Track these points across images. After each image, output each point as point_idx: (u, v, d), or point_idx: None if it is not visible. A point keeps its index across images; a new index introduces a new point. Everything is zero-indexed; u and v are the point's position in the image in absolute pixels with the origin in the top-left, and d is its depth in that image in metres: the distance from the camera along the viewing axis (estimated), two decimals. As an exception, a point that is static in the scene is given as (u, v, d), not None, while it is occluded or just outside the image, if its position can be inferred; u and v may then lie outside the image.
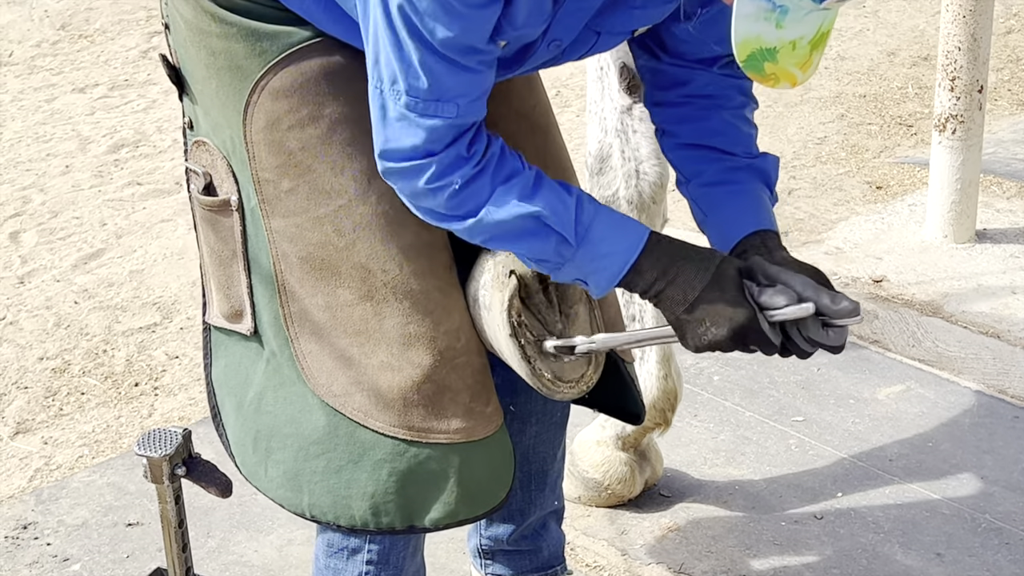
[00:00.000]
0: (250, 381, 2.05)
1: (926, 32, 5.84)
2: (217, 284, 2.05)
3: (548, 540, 2.44)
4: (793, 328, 1.79)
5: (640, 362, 2.77)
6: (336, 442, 1.98)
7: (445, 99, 1.73)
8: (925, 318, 3.60)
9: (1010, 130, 4.83)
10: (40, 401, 3.44)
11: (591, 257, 1.81)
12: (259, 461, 2.06)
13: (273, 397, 2.01)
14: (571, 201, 1.81)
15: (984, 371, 3.35)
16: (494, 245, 1.84)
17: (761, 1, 1.60)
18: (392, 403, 1.95)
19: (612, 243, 1.81)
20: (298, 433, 1.99)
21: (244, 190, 1.96)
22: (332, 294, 1.93)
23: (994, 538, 2.76)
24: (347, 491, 1.99)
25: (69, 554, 2.81)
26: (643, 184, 2.62)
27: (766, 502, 2.90)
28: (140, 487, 3.01)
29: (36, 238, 4.32)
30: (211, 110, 1.97)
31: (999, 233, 4.04)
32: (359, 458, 1.97)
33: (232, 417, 2.11)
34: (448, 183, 1.77)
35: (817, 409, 3.21)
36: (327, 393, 1.96)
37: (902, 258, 3.94)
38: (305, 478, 2.00)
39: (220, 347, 2.12)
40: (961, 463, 3.00)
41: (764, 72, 1.67)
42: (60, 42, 6.31)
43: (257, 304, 2.00)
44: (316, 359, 1.96)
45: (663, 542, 2.79)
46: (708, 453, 3.07)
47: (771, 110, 5.16)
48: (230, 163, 1.96)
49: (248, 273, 1.99)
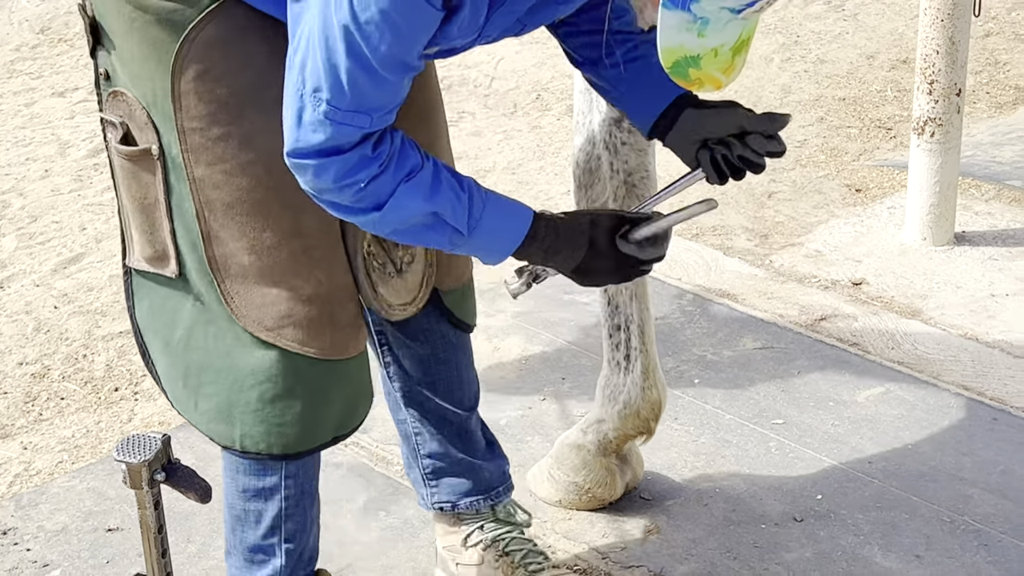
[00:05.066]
0: (177, 320, 2.17)
1: (905, 35, 5.85)
2: (139, 229, 2.15)
3: (489, 463, 2.59)
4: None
5: (625, 373, 2.77)
6: (271, 373, 2.13)
7: (363, 111, 1.86)
8: (904, 320, 3.61)
9: (988, 133, 4.85)
10: (19, 406, 3.43)
11: (482, 243, 2.05)
12: (189, 395, 2.19)
13: (203, 333, 2.15)
14: (464, 196, 2.00)
15: (963, 373, 3.36)
16: (396, 238, 2.01)
17: (683, 13, 1.74)
18: (324, 326, 2.13)
19: (500, 230, 2.05)
20: (230, 367, 2.13)
21: (165, 139, 2.05)
22: (258, 237, 2.07)
23: (973, 540, 2.77)
24: (281, 419, 2.15)
25: (49, 560, 2.81)
26: (632, 197, 2.62)
27: (746, 505, 2.91)
28: (120, 492, 3.00)
29: (15, 242, 4.30)
30: (130, 62, 2.05)
31: (977, 236, 4.05)
32: (293, 385, 2.14)
33: (161, 355, 2.23)
34: (354, 181, 1.90)
35: (797, 411, 3.22)
36: (259, 328, 2.11)
37: (881, 261, 3.95)
38: (238, 410, 2.14)
39: (142, 289, 2.23)
40: (940, 465, 3.01)
41: (689, 77, 1.82)
42: (39, 46, 6.28)
43: (181, 248, 2.11)
44: (244, 298, 2.10)
45: (643, 545, 2.80)
46: (688, 456, 3.07)
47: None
48: (150, 114, 2.05)
49: (171, 219, 2.09)
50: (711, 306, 3.69)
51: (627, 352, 2.76)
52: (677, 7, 1.74)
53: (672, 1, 1.73)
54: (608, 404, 2.80)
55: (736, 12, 1.76)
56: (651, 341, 2.77)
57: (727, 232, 4.20)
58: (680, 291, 3.76)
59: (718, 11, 1.75)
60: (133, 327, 2.27)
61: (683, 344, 3.51)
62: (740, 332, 3.56)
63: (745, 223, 4.27)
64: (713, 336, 3.55)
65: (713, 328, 3.59)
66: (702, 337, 3.55)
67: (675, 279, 3.81)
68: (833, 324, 3.60)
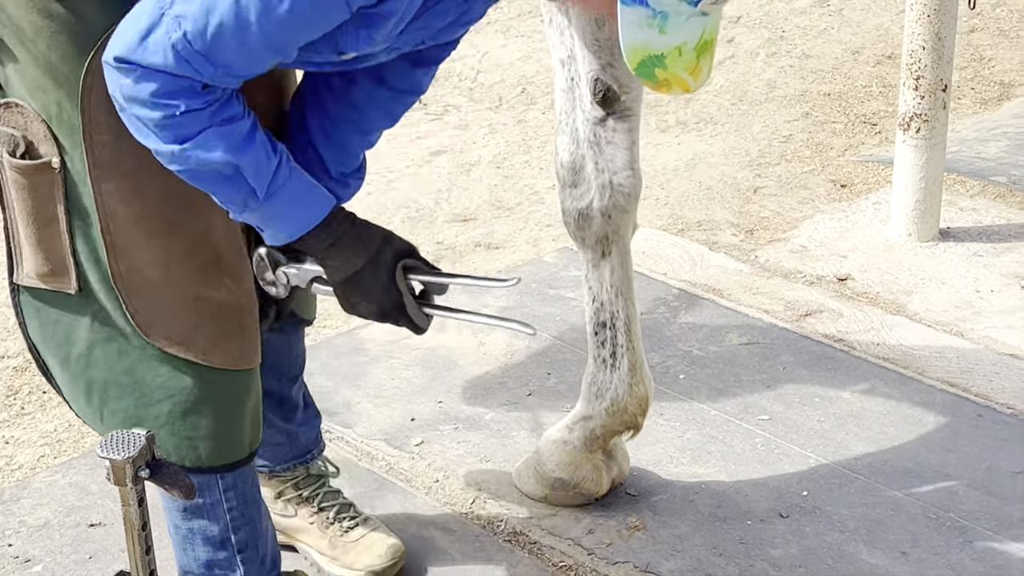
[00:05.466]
0: (74, 338, 2.12)
1: (890, 31, 5.86)
2: (32, 245, 2.09)
3: (305, 426, 2.62)
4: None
5: (611, 370, 2.76)
6: (181, 385, 2.10)
7: (211, 63, 1.82)
8: (889, 316, 3.61)
9: (973, 128, 4.86)
10: (1, 400, 3.40)
11: (272, 215, 2.00)
12: (95, 411, 2.16)
13: (103, 351, 2.10)
14: (273, 161, 1.95)
15: (947, 369, 3.36)
16: (186, 177, 1.93)
17: (641, 8, 1.76)
18: (233, 336, 2.12)
19: (295, 209, 2.00)
20: (136, 382, 2.10)
21: (67, 153, 1.99)
22: (167, 248, 2.04)
23: (958, 536, 2.77)
24: (193, 432, 2.12)
25: (31, 555, 2.79)
26: (617, 195, 2.61)
27: (732, 501, 2.90)
28: (103, 487, 2.98)
29: (-3, 235, 4.27)
30: (31, 72, 1.97)
31: (962, 231, 4.06)
32: (204, 398, 2.11)
33: (59, 371, 2.19)
34: (171, 105, 1.84)
35: (783, 407, 3.21)
36: (167, 342, 2.07)
37: (867, 256, 3.95)
38: (147, 423, 2.10)
39: (31, 306, 2.17)
40: (925, 461, 3.01)
41: (656, 79, 1.84)
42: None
43: (82, 263, 2.06)
44: (151, 312, 2.06)
45: (629, 541, 2.79)
46: (674, 452, 3.07)
47: (736, 108, 5.17)
48: (50, 126, 1.98)
49: (71, 234, 2.04)
50: (697, 302, 3.68)
51: (613, 349, 2.75)
52: (635, 2, 1.75)
53: None
54: (595, 401, 2.80)
55: (692, 3, 1.77)
56: (637, 338, 2.76)
57: (712, 227, 4.19)
58: (666, 286, 3.75)
59: (676, 4, 1.76)
60: (27, 343, 2.21)
61: (668, 340, 3.50)
62: (726, 328, 3.56)
63: (730, 218, 4.26)
64: (699, 332, 3.54)
65: (699, 324, 3.58)
66: (688, 333, 3.54)
67: (660, 274, 3.80)
68: (819, 320, 3.60)
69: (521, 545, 2.79)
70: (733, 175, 4.60)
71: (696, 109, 5.17)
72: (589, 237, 2.65)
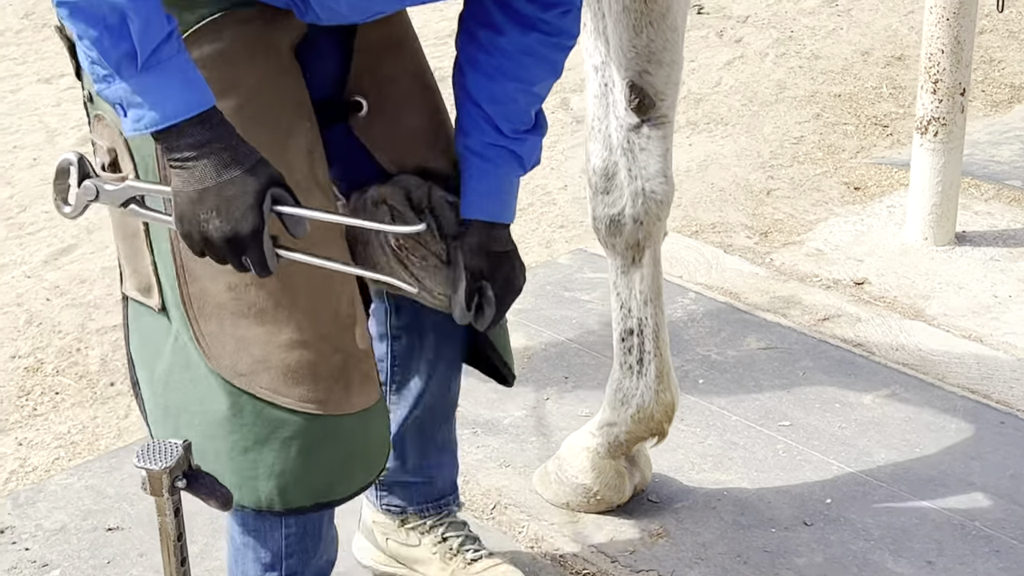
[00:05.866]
0: (160, 355, 2.05)
1: (899, 32, 5.84)
2: (126, 257, 2.05)
3: (442, 472, 2.50)
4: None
5: (638, 376, 2.74)
6: (242, 422, 1.99)
7: None
8: (908, 321, 3.59)
9: (985, 131, 4.84)
10: (13, 401, 3.37)
11: (144, 91, 1.73)
12: (170, 436, 2.06)
13: (179, 377, 2.02)
14: (166, 28, 1.73)
15: (968, 375, 3.34)
16: (65, 12, 1.71)
17: None
18: (302, 378, 1.97)
19: (171, 91, 1.74)
20: (204, 412, 2.00)
21: (142, 167, 1.93)
22: (236, 274, 1.91)
23: (984, 546, 2.75)
24: (253, 471, 2.01)
25: (48, 560, 2.76)
26: (650, 203, 2.58)
27: (755, 508, 2.88)
28: (119, 491, 2.96)
29: (4, 232, 4.24)
30: None
31: (978, 236, 4.04)
32: (267, 438, 1.99)
33: (146, 388, 2.12)
34: None
35: (803, 413, 3.19)
36: (232, 374, 1.96)
37: (883, 260, 3.93)
38: (210, 458, 2.01)
39: (135, 318, 2.11)
40: (949, 469, 2.99)
41: None
42: (24, 31, 6.21)
43: (162, 281, 1.99)
44: (218, 340, 1.96)
45: (653, 549, 2.77)
46: (695, 458, 3.04)
47: (747, 109, 5.15)
48: (127, 141, 1.92)
49: (151, 250, 1.98)
50: (713, 305, 3.66)
51: (640, 356, 2.73)
52: None
53: None
54: (620, 407, 2.77)
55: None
56: (665, 345, 2.73)
57: (726, 229, 4.17)
58: (682, 289, 3.73)
59: None
60: (127, 356, 2.15)
61: (687, 343, 3.48)
62: (744, 332, 3.53)
63: (744, 220, 4.24)
64: (717, 335, 3.52)
65: (716, 327, 3.56)
66: (706, 336, 3.52)
67: (676, 277, 3.78)
68: (837, 324, 3.58)
69: (543, 551, 2.77)
70: (745, 177, 4.57)
71: (707, 109, 5.15)
72: (620, 244, 2.63)
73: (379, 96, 2.09)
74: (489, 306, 2.12)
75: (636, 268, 2.65)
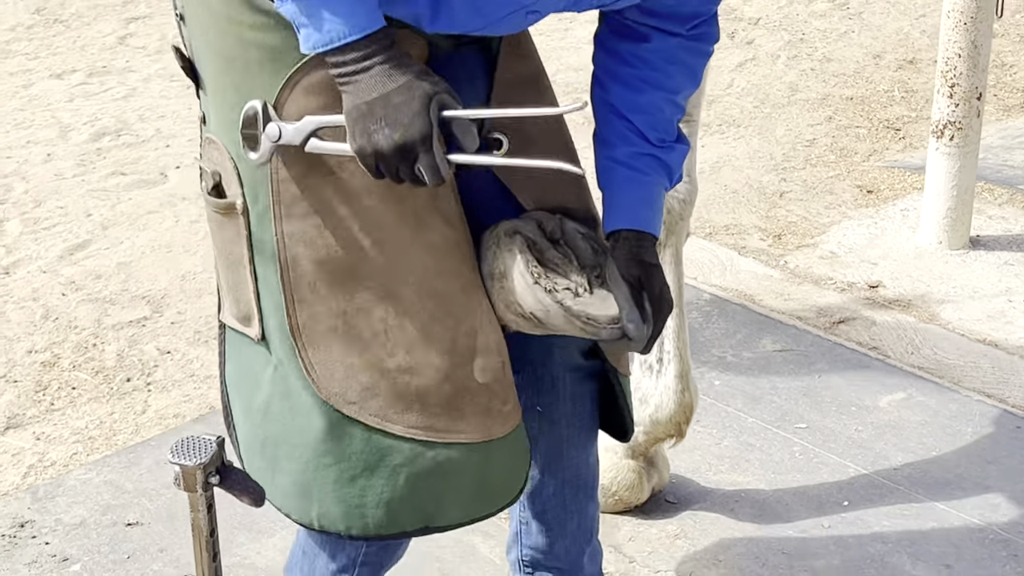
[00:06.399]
0: (259, 385, 2.00)
1: (911, 35, 5.85)
2: (227, 285, 2.01)
3: (590, 555, 2.39)
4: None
5: (657, 376, 2.75)
6: (350, 451, 1.94)
7: None
8: (923, 325, 3.60)
9: (998, 136, 4.85)
10: (30, 395, 3.38)
11: (310, 12, 1.74)
12: (266, 467, 2.02)
13: (280, 407, 1.97)
14: None
15: (984, 380, 3.35)
16: None
17: None
18: (411, 405, 1.92)
19: (348, 7, 1.74)
20: (307, 443, 1.95)
21: (251, 192, 1.89)
22: (349, 299, 1.88)
23: (1002, 550, 2.76)
24: (361, 499, 1.96)
25: (68, 554, 2.76)
26: (672, 201, 2.59)
27: (773, 510, 2.89)
28: (138, 485, 2.96)
29: (20, 227, 4.24)
30: (224, 107, 1.90)
31: (992, 240, 4.05)
32: (375, 465, 1.94)
33: (241, 420, 2.07)
34: None
35: (820, 416, 3.20)
36: (340, 401, 1.92)
37: (897, 264, 3.94)
38: (316, 488, 1.96)
39: (233, 347, 2.07)
40: (965, 473, 3.00)
41: None
42: (35, 26, 6.21)
43: (264, 310, 1.95)
44: (327, 367, 1.91)
45: (671, 550, 2.77)
46: (712, 459, 3.05)
47: (759, 111, 5.16)
48: (236, 164, 1.89)
49: (255, 278, 1.94)
50: (728, 307, 3.67)
51: (660, 355, 2.73)
52: None
53: None
54: (639, 407, 2.78)
55: None
56: (685, 345, 2.74)
57: (740, 231, 4.18)
58: (697, 291, 3.74)
59: None
60: (221, 385, 2.12)
61: (702, 345, 3.48)
62: (759, 334, 3.54)
63: (757, 222, 4.25)
64: (732, 337, 3.53)
65: (732, 329, 3.56)
66: (721, 338, 3.52)
67: (691, 278, 3.78)
68: (852, 327, 3.59)
69: (561, 551, 2.77)
70: (758, 179, 4.58)
71: (719, 111, 5.15)
72: (641, 243, 2.63)
73: (518, 133, 1.98)
74: (648, 323, 1.98)
75: (659, 268, 2.65)
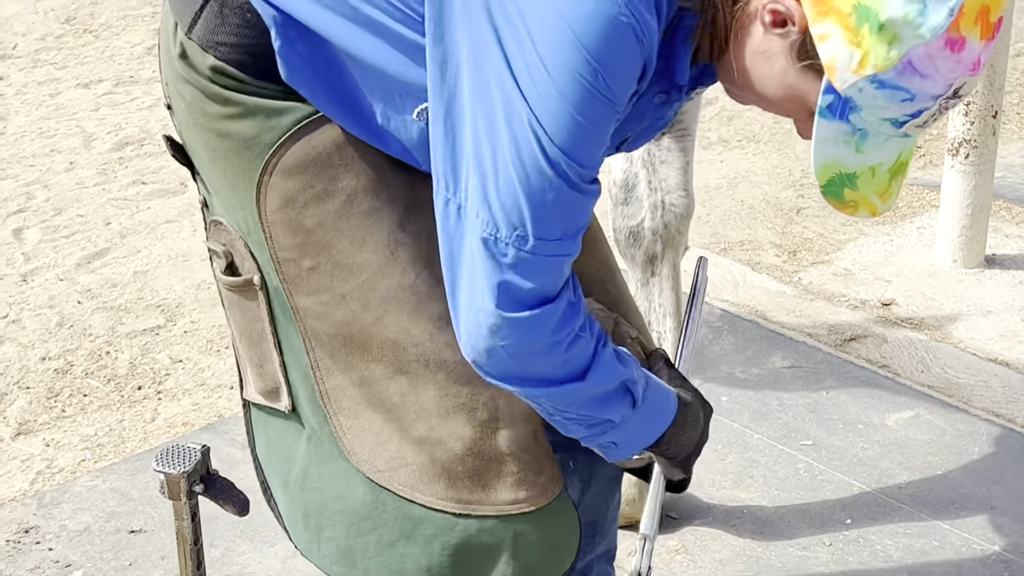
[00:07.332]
0: (293, 458, 2.01)
1: (935, 53, 5.82)
2: (250, 363, 2.01)
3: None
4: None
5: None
6: (385, 517, 1.94)
7: (570, 235, 1.67)
8: (934, 343, 3.58)
9: (1019, 154, 4.82)
10: (42, 402, 3.41)
11: (640, 422, 1.82)
12: (312, 538, 2.03)
13: (317, 474, 1.97)
14: (634, 361, 1.80)
15: (993, 399, 3.34)
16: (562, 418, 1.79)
17: (841, 124, 1.60)
18: (437, 476, 1.90)
19: (660, 405, 1.84)
20: (346, 509, 1.95)
21: (265, 270, 1.90)
22: (366, 369, 1.88)
23: (1004, 571, 2.75)
24: (402, 565, 1.95)
25: (71, 560, 2.79)
26: (669, 215, 2.60)
27: (774, 527, 2.88)
28: (143, 493, 2.99)
29: (39, 235, 4.28)
30: (221, 192, 1.92)
31: (1008, 259, 4.03)
32: (410, 533, 1.93)
33: (280, 493, 2.07)
34: (568, 332, 1.70)
35: (826, 433, 3.19)
36: (371, 469, 1.91)
37: (911, 282, 3.92)
38: (359, 554, 1.97)
39: (260, 423, 2.07)
40: (970, 493, 2.99)
41: (844, 199, 1.68)
42: (64, 36, 6.27)
43: (292, 381, 1.95)
44: (356, 435, 1.91)
45: (671, 565, 2.77)
46: (716, 475, 3.05)
47: (778, 127, 5.15)
48: (247, 243, 1.90)
49: (280, 351, 1.94)
50: (739, 323, 3.66)
51: (661, 370, 2.73)
52: (835, 117, 1.59)
53: (830, 110, 1.59)
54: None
55: (897, 125, 1.61)
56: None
57: (755, 247, 4.18)
58: (708, 306, 3.73)
59: (878, 123, 1.60)
60: (254, 462, 2.12)
61: (711, 361, 3.48)
62: (769, 350, 3.54)
63: (773, 239, 4.24)
64: (741, 354, 3.52)
65: (742, 345, 3.56)
66: (730, 354, 3.52)
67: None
68: (863, 345, 3.58)
69: (561, 565, 2.77)
70: (776, 195, 4.57)
71: (738, 127, 5.15)
72: (639, 256, 2.64)
73: None
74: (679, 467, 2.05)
75: (655, 281, 2.66)
